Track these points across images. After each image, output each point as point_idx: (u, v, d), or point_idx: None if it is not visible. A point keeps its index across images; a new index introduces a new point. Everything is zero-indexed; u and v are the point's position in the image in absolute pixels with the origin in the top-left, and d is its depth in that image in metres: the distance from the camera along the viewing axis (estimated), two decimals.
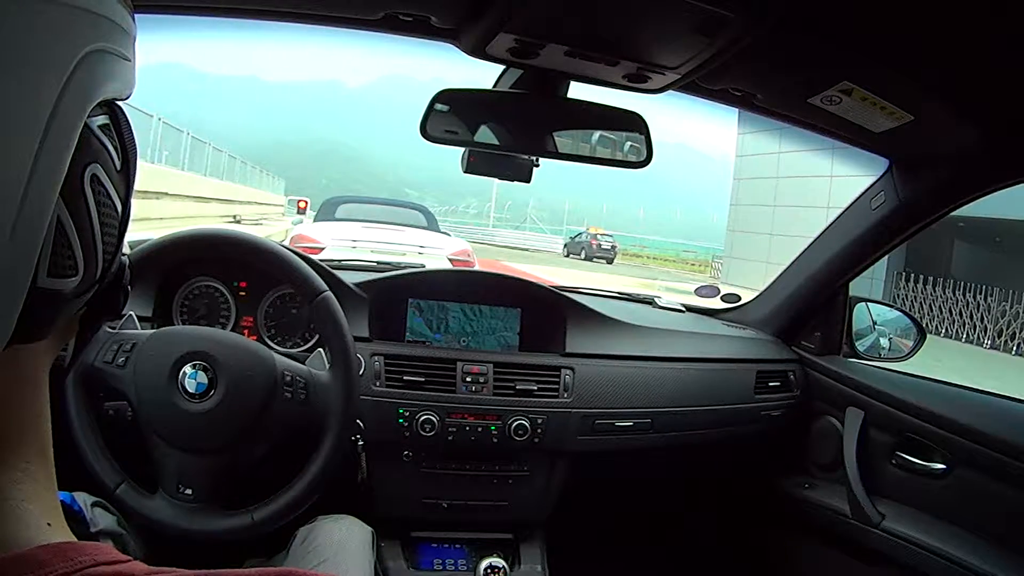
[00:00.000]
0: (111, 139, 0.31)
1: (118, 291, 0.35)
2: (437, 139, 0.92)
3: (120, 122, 0.33)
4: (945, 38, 0.74)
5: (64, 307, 0.30)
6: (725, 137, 43.36)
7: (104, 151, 0.31)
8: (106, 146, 0.31)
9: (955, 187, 1.13)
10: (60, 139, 0.26)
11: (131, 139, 0.33)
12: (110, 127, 0.32)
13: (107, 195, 0.31)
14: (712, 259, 24.25)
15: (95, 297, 0.32)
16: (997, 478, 1.07)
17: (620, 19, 0.77)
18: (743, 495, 1.56)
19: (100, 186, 0.30)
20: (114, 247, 0.32)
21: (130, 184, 0.34)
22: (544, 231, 32.04)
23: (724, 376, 1.36)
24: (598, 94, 0.96)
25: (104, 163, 0.31)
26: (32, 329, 0.28)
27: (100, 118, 0.31)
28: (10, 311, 0.25)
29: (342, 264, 1.39)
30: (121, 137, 0.33)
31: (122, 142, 0.33)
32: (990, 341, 11.67)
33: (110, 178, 0.31)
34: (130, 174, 0.34)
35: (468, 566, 1.20)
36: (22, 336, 0.26)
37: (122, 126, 0.33)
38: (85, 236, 0.29)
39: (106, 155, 0.31)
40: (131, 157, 0.33)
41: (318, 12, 0.87)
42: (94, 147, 0.30)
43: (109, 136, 0.31)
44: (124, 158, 0.33)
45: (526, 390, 1.18)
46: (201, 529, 0.86)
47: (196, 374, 0.86)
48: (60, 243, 0.28)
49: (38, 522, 0.29)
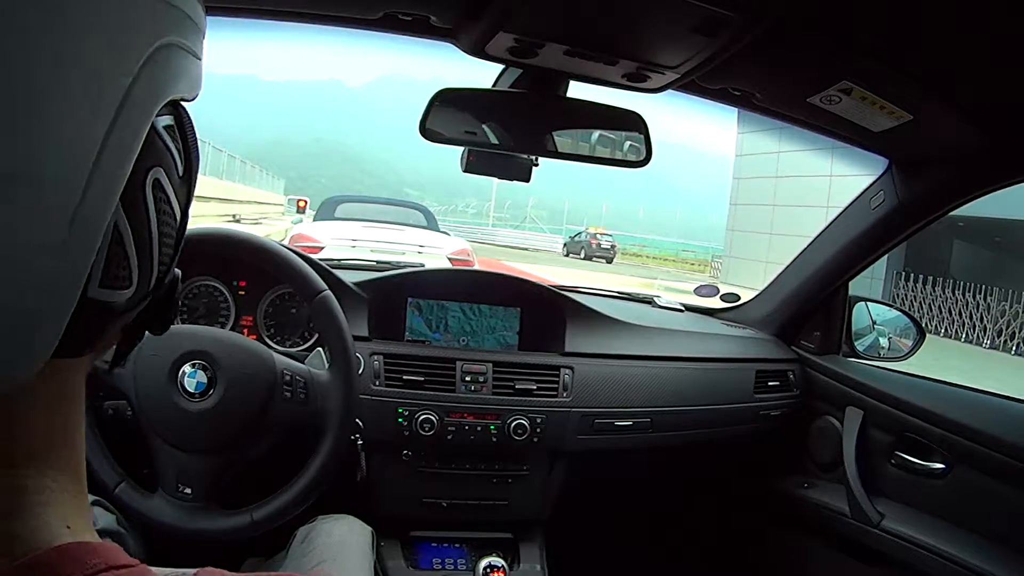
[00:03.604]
0: (175, 142, 0.29)
1: (168, 305, 0.33)
2: (436, 138, 0.92)
3: (185, 124, 0.30)
4: (945, 38, 0.74)
5: (113, 321, 0.28)
6: (724, 137, 43.34)
7: (168, 155, 0.29)
8: (170, 149, 0.29)
9: (955, 187, 1.13)
10: (127, 135, 0.24)
11: (195, 143, 0.31)
12: (175, 129, 0.30)
13: (167, 202, 0.29)
14: (711, 258, 24.26)
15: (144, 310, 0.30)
16: (996, 478, 1.07)
17: (619, 18, 0.77)
18: (742, 495, 1.56)
19: (161, 192, 0.28)
20: (169, 258, 0.30)
21: (191, 192, 0.32)
22: (544, 230, 32.03)
23: (723, 376, 1.36)
24: (597, 93, 0.96)
25: (167, 168, 0.29)
26: (77, 343, 0.26)
27: (166, 118, 0.29)
28: (58, 321, 0.23)
29: (341, 263, 1.39)
30: (185, 140, 0.30)
31: (186, 146, 0.30)
32: (989, 341, 11.67)
33: (172, 184, 0.29)
34: (192, 181, 0.32)
35: (467, 566, 1.20)
36: (65, 350, 0.24)
37: (186, 129, 0.31)
38: (142, 245, 0.27)
39: (169, 159, 0.29)
40: (194, 163, 0.31)
41: (317, 11, 0.86)
42: (158, 149, 0.28)
43: (173, 138, 0.29)
44: (187, 164, 0.31)
45: (525, 389, 1.18)
46: (200, 528, 0.86)
47: (196, 373, 0.86)
48: (115, 251, 0.26)
49: (59, 525, 0.27)
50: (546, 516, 1.26)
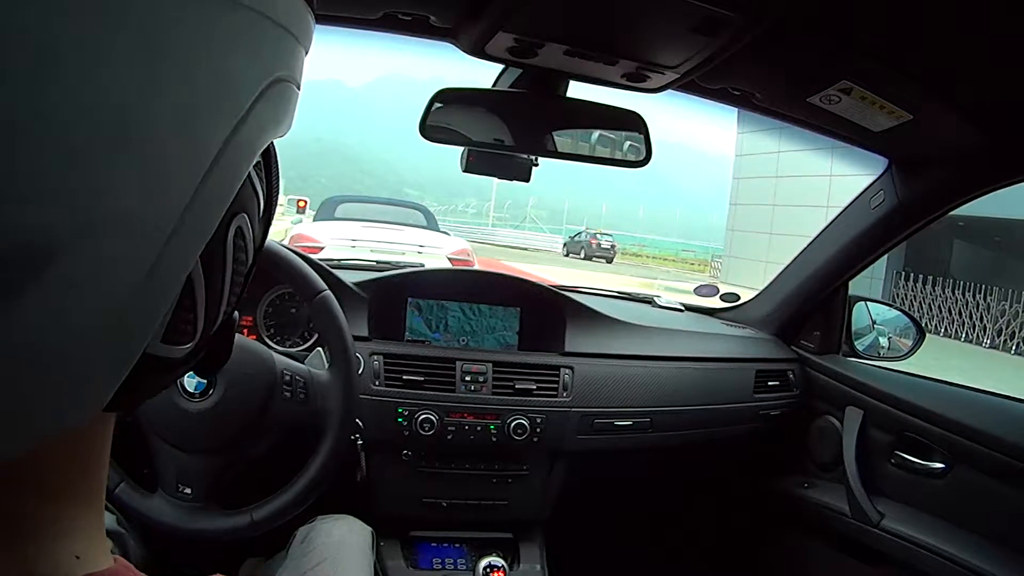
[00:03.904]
0: (261, 181, 0.26)
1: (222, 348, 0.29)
2: (436, 138, 0.92)
3: (271, 159, 0.27)
4: (945, 38, 0.74)
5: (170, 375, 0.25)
6: (724, 136, 43.39)
7: (254, 198, 0.26)
8: (256, 191, 0.26)
9: (954, 186, 1.13)
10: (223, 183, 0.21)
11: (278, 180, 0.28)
12: (261, 167, 0.26)
13: (245, 250, 0.26)
14: (711, 258, 24.26)
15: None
16: (996, 477, 1.07)
17: (619, 18, 0.77)
18: (742, 494, 1.56)
19: (241, 240, 0.25)
20: (235, 303, 0.27)
21: (267, 230, 0.29)
22: (543, 230, 32.02)
23: (723, 375, 1.36)
24: (597, 93, 0.96)
25: (251, 213, 0.26)
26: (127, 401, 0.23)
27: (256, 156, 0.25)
28: (115, 377, 0.20)
29: (341, 263, 1.39)
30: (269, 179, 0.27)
31: (269, 184, 0.27)
32: (989, 340, 11.67)
33: (252, 228, 0.26)
34: (270, 219, 0.29)
35: (467, 565, 1.20)
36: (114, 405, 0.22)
37: (272, 163, 0.27)
38: (212, 297, 0.24)
39: (254, 203, 0.26)
40: (275, 201, 0.28)
41: (317, 11, 0.86)
42: (247, 194, 0.25)
43: (260, 178, 0.26)
44: (268, 202, 0.28)
45: (525, 389, 1.18)
46: (200, 528, 0.86)
47: (195, 373, 0.86)
48: (184, 304, 0.23)
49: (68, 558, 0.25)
50: (546, 516, 1.26)
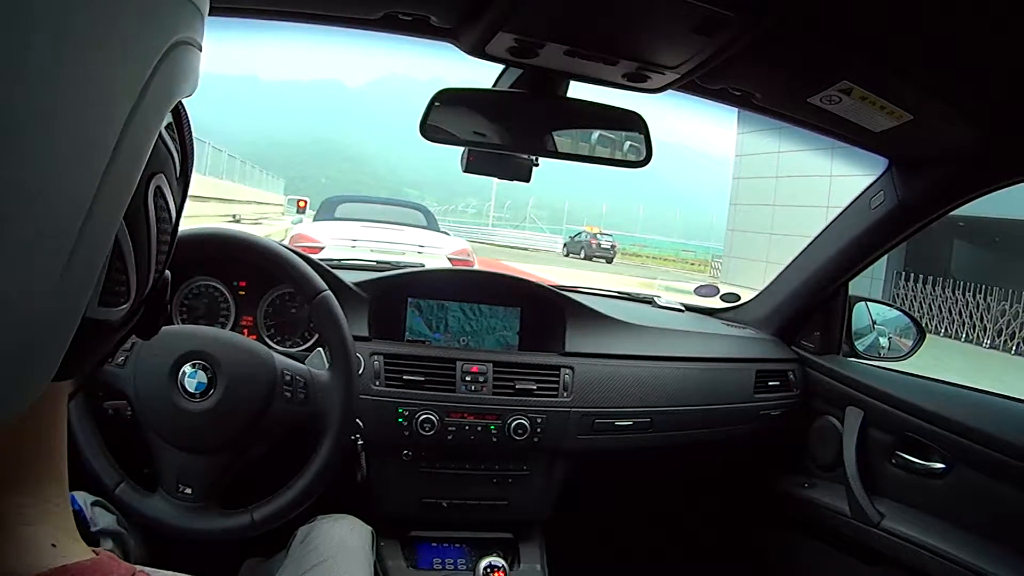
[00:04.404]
0: (174, 142, 0.27)
1: (159, 309, 0.31)
2: (436, 139, 0.92)
3: (182, 121, 0.28)
4: (945, 38, 0.74)
5: (110, 338, 0.26)
6: (725, 136, 43.37)
7: (169, 158, 0.27)
8: (171, 152, 0.27)
9: (954, 187, 1.13)
10: (137, 143, 0.22)
11: (191, 139, 0.29)
12: (173, 127, 0.27)
13: (167, 208, 0.27)
14: (711, 258, 24.23)
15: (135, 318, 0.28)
16: (996, 478, 1.07)
17: (619, 19, 0.77)
18: (743, 495, 1.56)
19: (162, 199, 0.26)
20: (163, 263, 0.28)
21: (187, 190, 0.30)
22: (544, 230, 32.01)
23: (723, 375, 1.36)
24: (598, 93, 0.96)
25: (168, 172, 0.27)
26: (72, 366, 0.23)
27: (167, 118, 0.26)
28: (57, 349, 0.21)
29: (342, 263, 1.39)
30: (183, 138, 0.28)
31: (183, 144, 0.28)
32: (989, 340, 11.67)
33: (171, 187, 0.27)
34: (188, 178, 0.30)
35: (468, 565, 1.20)
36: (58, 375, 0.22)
37: (184, 126, 0.28)
38: (141, 257, 0.25)
39: (170, 163, 0.27)
40: (190, 159, 0.29)
41: (318, 11, 0.86)
42: (161, 154, 0.26)
43: (173, 139, 0.27)
44: (184, 162, 0.29)
45: (525, 389, 1.18)
46: (201, 528, 0.86)
47: (196, 373, 0.86)
48: (115, 267, 0.24)
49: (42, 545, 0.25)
50: (546, 516, 1.26)
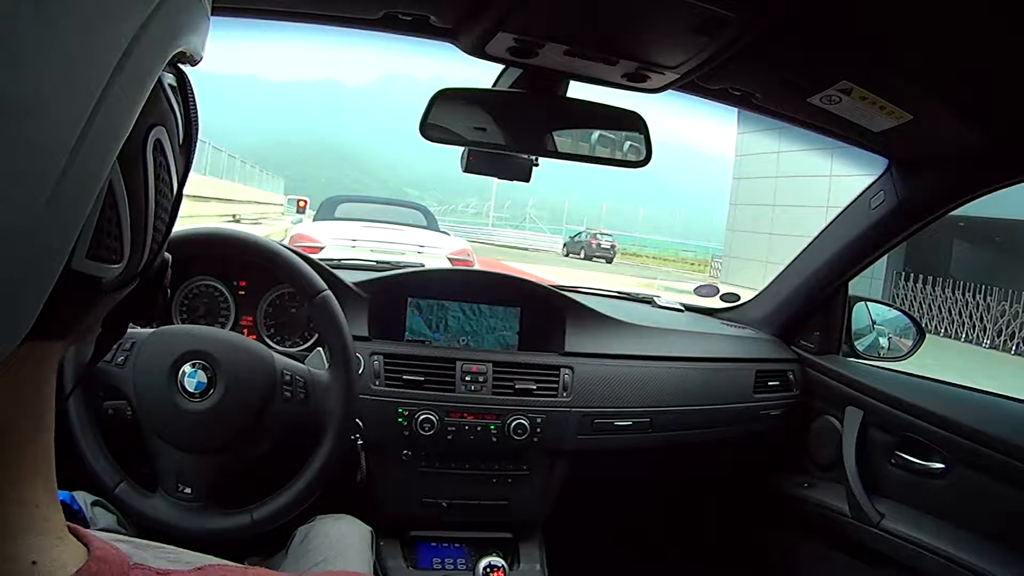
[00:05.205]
0: (178, 104, 0.27)
1: (156, 291, 0.30)
2: (436, 139, 0.92)
3: (187, 88, 0.28)
4: (945, 38, 0.74)
5: (99, 300, 0.24)
6: (724, 136, 43.38)
7: (172, 115, 0.26)
8: (174, 110, 0.26)
9: (954, 187, 1.13)
10: (134, 80, 0.21)
11: (196, 110, 0.28)
12: (177, 90, 0.27)
13: (167, 168, 0.26)
14: (711, 258, 24.24)
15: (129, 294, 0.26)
16: (996, 478, 1.07)
17: (619, 18, 0.77)
18: (742, 495, 1.56)
19: (162, 156, 0.25)
20: (163, 236, 0.27)
21: (188, 165, 0.29)
22: (544, 230, 32.03)
23: (723, 375, 1.36)
24: (597, 93, 0.96)
25: (170, 130, 0.26)
26: (57, 322, 0.22)
27: (170, 76, 0.26)
28: (35, 297, 0.20)
29: (341, 263, 1.39)
30: (187, 105, 0.28)
31: (187, 111, 0.28)
32: (989, 341, 11.68)
33: (173, 150, 0.26)
34: (190, 153, 0.29)
35: (467, 565, 1.20)
36: (45, 330, 0.21)
37: (188, 93, 0.28)
38: (137, 214, 0.24)
39: (172, 121, 0.26)
40: (194, 132, 0.28)
41: (318, 11, 0.86)
42: (163, 107, 0.25)
43: (177, 100, 0.27)
44: (187, 131, 0.28)
45: (525, 389, 1.18)
46: (200, 528, 0.86)
47: (196, 373, 0.86)
48: (108, 217, 0.22)
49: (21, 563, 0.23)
50: (546, 516, 1.26)
